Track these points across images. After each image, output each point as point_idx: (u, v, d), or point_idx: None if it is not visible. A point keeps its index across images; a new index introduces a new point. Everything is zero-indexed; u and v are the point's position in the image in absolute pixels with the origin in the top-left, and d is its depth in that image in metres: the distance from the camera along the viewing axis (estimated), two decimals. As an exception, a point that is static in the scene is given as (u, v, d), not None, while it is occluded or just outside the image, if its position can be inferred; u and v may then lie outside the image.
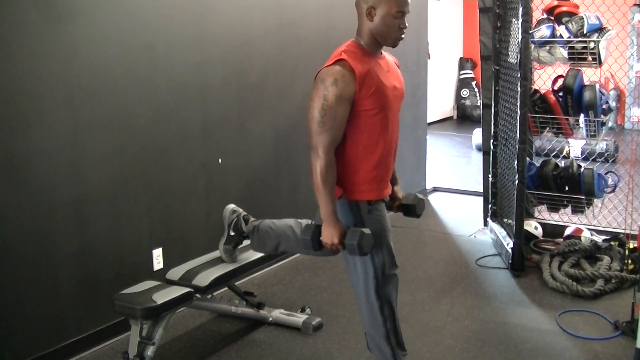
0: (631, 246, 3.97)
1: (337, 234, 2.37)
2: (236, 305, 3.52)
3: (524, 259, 4.21)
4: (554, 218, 4.77)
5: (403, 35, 2.45)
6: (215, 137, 3.84)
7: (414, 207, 2.72)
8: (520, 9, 4.00)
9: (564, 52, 4.24)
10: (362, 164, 2.43)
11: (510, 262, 4.21)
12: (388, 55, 2.58)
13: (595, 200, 4.42)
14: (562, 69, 4.41)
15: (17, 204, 2.89)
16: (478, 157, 6.09)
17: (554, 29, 4.27)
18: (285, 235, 2.96)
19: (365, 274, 2.48)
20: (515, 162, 4.15)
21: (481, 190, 5.24)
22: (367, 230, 2.36)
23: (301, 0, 4.39)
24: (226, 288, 3.65)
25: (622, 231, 4.31)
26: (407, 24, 2.43)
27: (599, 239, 4.45)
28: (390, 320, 2.51)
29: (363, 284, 2.49)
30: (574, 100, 4.27)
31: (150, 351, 2.85)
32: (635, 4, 6.79)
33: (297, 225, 2.95)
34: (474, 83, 10.95)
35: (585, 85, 4.28)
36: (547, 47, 4.30)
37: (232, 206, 3.26)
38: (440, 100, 10.64)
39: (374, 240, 2.42)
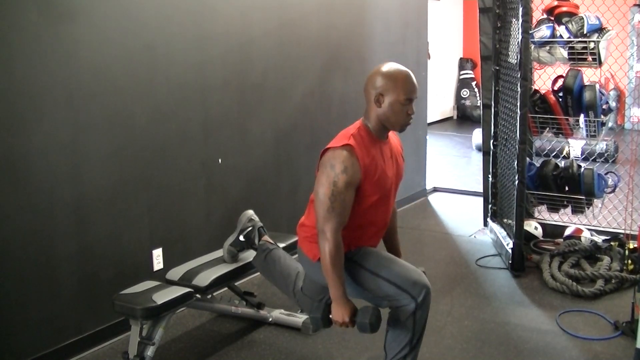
0: (631, 246, 3.97)
1: (348, 313, 2.44)
2: (236, 306, 3.52)
3: (524, 259, 4.21)
4: (554, 218, 4.77)
5: (411, 121, 2.52)
6: (215, 137, 3.84)
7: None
8: (520, 9, 4.00)
9: (564, 53, 4.24)
10: (355, 237, 2.54)
11: (510, 262, 4.21)
12: (393, 136, 2.66)
13: (595, 200, 4.43)
14: (562, 69, 4.41)
15: (17, 204, 2.89)
16: (478, 157, 6.10)
17: (554, 29, 4.27)
18: (288, 277, 2.96)
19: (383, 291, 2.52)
20: (515, 162, 4.15)
21: (481, 190, 5.24)
22: (377, 309, 2.45)
23: (301, 0, 4.39)
24: (226, 288, 3.65)
25: (622, 231, 4.31)
26: (414, 110, 2.49)
27: (599, 239, 4.45)
28: (418, 336, 2.54)
29: (396, 301, 2.51)
30: (574, 100, 4.27)
31: (150, 351, 2.85)
32: (635, 4, 6.79)
33: (302, 274, 2.92)
34: (474, 83, 10.95)
35: (585, 85, 4.28)
36: (547, 48, 4.30)
37: (250, 213, 3.29)
38: (440, 101, 10.65)
39: (377, 262, 2.52)
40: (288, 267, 2.99)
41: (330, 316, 2.49)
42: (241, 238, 3.24)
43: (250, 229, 3.23)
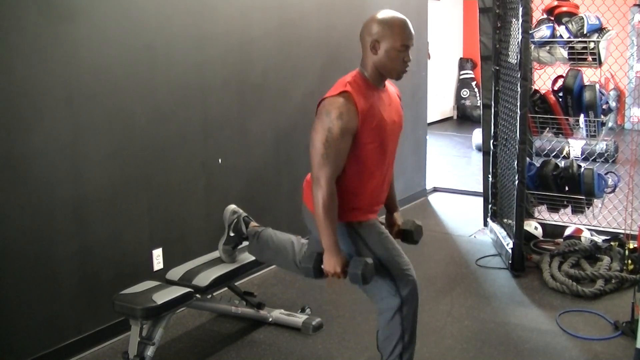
0: (631, 246, 3.97)
1: (339, 263, 2.41)
2: (236, 306, 3.52)
3: (524, 259, 4.21)
4: (554, 218, 4.77)
5: (407, 69, 2.47)
6: (215, 137, 3.84)
7: (411, 233, 2.76)
8: (520, 9, 3.99)
9: (564, 53, 4.24)
10: (356, 191, 2.48)
11: (510, 262, 4.21)
12: (391, 86, 2.61)
13: (595, 200, 4.43)
14: (562, 69, 4.41)
15: (17, 204, 2.89)
16: (478, 157, 6.09)
17: (554, 29, 4.27)
18: (285, 251, 2.97)
19: (388, 290, 2.50)
20: (515, 162, 4.15)
21: (481, 190, 5.24)
22: (370, 260, 2.41)
23: (301, 1, 4.39)
24: (226, 288, 3.65)
25: (622, 231, 4.31)
26: (411, 57, 2.45)
27: (598, 239, 4.45)
28: (409, 335, 2.53)
29: (385, 300, 2.51)
30: (574, 100, 4.27)
31: (150, 351, 2.85)
32: (635, 4, 6.79)
33: (297, 243, 2.95)
34: (474, 83, 10.95)
35: (585, 85, 4.28)
36: (547, 48, 4.30)
37: (232, 207, 3.27)
38: (440, 101, 10.65)
39: (379, 241, 2.47)
40: (282, 242, 2.99)
41: (322, 266, 2.45)
42: (231, 233, 3.23)
43: (235, 221, 3.23)
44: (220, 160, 3.88)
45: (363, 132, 2.37)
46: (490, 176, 4.95)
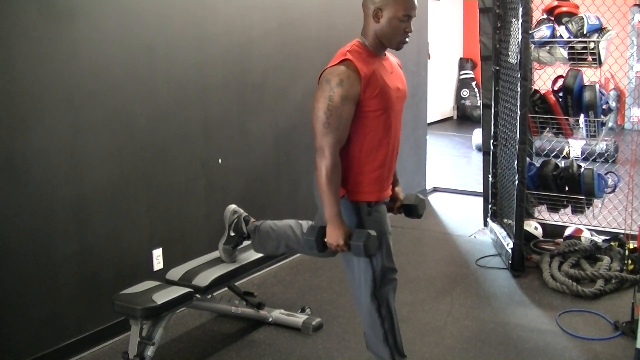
0: (631, 246, 3.97)
1: (342, 235, 2.38)
2: (236, 306, 3.52)
3: (524, 259, 4.21)
4: (554, 218, 4.77)
5: (407, 39, 2.45)
6: (215, 137, 3.84)
7: (416, 207, 2.73)
8: (520, 9, 3.99)
9: (564, 53, 4.24)
10: (365, 165, 2.44)
11: (510, 262, 4.21)
12: (391, 56, 2.58)
13: (595, 200, 4.42)
14: (562, 69, 4.41)
15: (17, 204, 2.89)
16: (478, 158, 6.09)
17: (554, 29, 4.26)
18: (286, 235, 2.97)
19: (364, 275, 2.49)
20: (515, 163, 4.15)
21: (481, 190, 5.24)
22: (372, 232, 2.38)
23: (301, 0, 4.39)
24: (226, 288, 3.65)
25: (622, 231, 4.31)
26: (412, 28, 2.43)
27: (598, 239, 4.45)
28: (388, 321, 2.52)
29: (363, 284, 2.50)
30: (574, 100, 4.27)
31: (150, 351, 2.85)
32: (635, 4, 6.79)
33: (297, 226, 2.95)
34: (474, 83, 10.95)
35: (585, 85, 4.28)
36: (547, 48, 4.30)
37: (233, 206, 3.27)
38: (440, 101, 10.65)
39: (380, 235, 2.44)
40: (282, 227, 2.99)
41: (325, 239, 2.43)
42: (231, 233, 3.24)
43: (236, 220, 3.23)
44: (220, 160, 3.88)
45: (366, 99, 2.35)
46: (490, 176, 4.95)
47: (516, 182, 4.14)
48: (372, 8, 2.40)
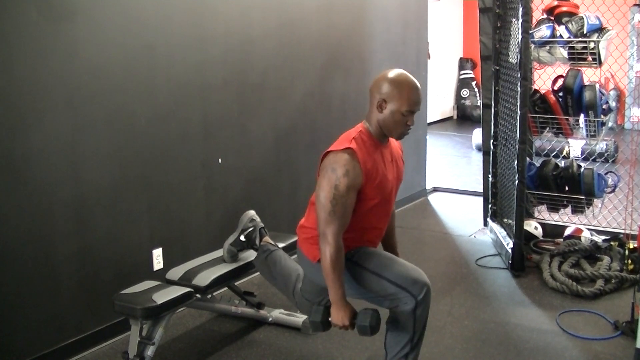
0: (631, 246, 3.97)
1: (347, 316, 2.43)
2: (236, 305, 3.52)
3: (524, 259, 4.21)
4: (554, 218, 4.77)
5: (409, 131, 2.52)
6: (215, 137, 3.84)
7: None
8: (520, 9, 4.00)
9: (564, 52, 4.24)
10: (353, 241, 2.54)
11: (510, 262, 4.21)
12: (394, 141, 2.65)
13: (595, 200, 4.42)
14: (562, 69, 4.41)
15: (17, 204, 2.89)
16: (478, 157, 6.10)
17: (554, 29, 4.27)
18: (288, 278, 2.96)
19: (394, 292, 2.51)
20: (515, 162, 4.15)
21: (481, 190, 5.24)
22: (375, 310, 2.44)
23: (301, 1, 4.39)
24: (226, 288, 3.65)
25: (622, 231, 4.31)
26: (414, 122, 2.49)
27: (598, 239, 4.45)
28: (419, 335, 2.55)
29: (395, 301, 2.52)
30: (574, 100, 4.27)
31: (150, 351, 2.85)
32: (635, 4, 6.80)
33: (302, 275, 2.92)
34: (474, 83, 10.96)
35: (585, 85, 4.28)
36: (547, 47, 4.30)
37: (252, 213, 3.30)
38: (440, 100, 10.65)
39: (375, 258, 2.53)
40: (288, 269, 2.99)
41: (330, 319, 2.49)
42: (242, 238, 3.24)
43: (251, 229, 3.24)
44: (220, 160, 3.88)
45: (366, 189, 2.43)
46: (490, 176, 4.95)
47: (516, 181, 4.14)
48: (377, 97, 2.45)
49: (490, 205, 4.99)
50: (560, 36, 4.24)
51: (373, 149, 2.47)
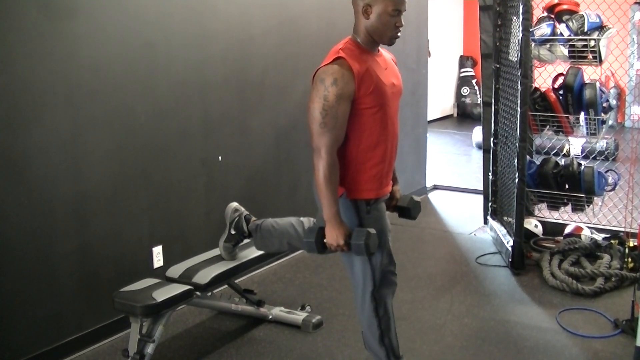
0: (631, 244, 3.97)
1: (341, 235, 2.37)
2: (236, 303, 3.52)
3: (524, 257, 4.21)
4: (554, 216, 4.77)
5: (399, 34, 2.43)
6: (215, 135, 3.84)
7: (409, 210, 2.72)
8: (521, 7, 3.99)
9: (564, 50, 4.23)
10: (363, 163, 2.42)
11: (510, 260, 4.21)
12: (385, 52, 2.57)
13: (595, 198, 4.42)
14: (563, 67, 4.41)
15: (17, 201, 2.89)
16: (478, 155, 6.09)
17: (554, 27, 4.26)
18: (288, 233, 2.97)
19: (363, 275, 2.49)
20: (516, 160, 4.15)
21: (481, 188, 5.24)
22: (372, 230, 2.36)
23: (301, -2, 4.39)
24: (226, 286, 3.65)
25: (622, 229, 4.31)
26: (403, 22, 2.41)
27: (599, 237, 4.45)
28: (385, 322, 2.53)
29: (361, 284, 2.51)
30: (574, 98, 4.27)
31: (150, 349, 2.86)
32: (635, 2, 6.79)
33: (299, 224, 2.95)
34: (474, 81, 10.94)
35: (586, 83, 4.27)
36: (548, 45, 4.30)
37: (234, 204, 3.26)
38: (440, 98, 10.64)
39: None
40: (283, 226, 2.99)
41: (325, 240, 2.42)
42: (232, 231, 3.24)
43: (237, 219, 3.23)
44: (220, 158, 3.88)
45: (361, 97, 2.33)
46: (490, 174, 4.95)
47: (516, 180, 4.14)
48: (361, 4, 2.40)
49: (490, 203, 4.99)
50: (561, 34, 4.23)
51: (364, 57, 2.38)
